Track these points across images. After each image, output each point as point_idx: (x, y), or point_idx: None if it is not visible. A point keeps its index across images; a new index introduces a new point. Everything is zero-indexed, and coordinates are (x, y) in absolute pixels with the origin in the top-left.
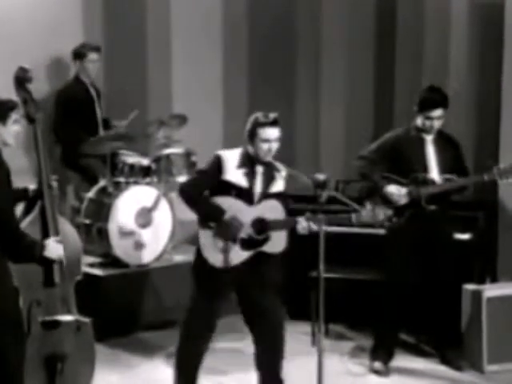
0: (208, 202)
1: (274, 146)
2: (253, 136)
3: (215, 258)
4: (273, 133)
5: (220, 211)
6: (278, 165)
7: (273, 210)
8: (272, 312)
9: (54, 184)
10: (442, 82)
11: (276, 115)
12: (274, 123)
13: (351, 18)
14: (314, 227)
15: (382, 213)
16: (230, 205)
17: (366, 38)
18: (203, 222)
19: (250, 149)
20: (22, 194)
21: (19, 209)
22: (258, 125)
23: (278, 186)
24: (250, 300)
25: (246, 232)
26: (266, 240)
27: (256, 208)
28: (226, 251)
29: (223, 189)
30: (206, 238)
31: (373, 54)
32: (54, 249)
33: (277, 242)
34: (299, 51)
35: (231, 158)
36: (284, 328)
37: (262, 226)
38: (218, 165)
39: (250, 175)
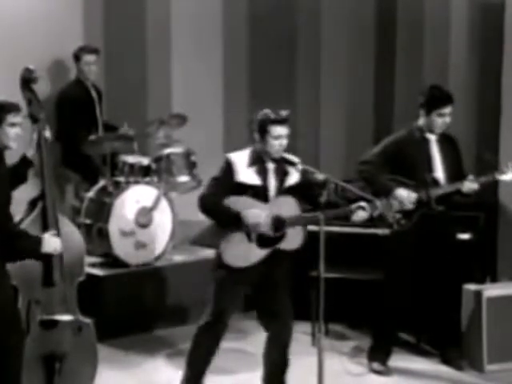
0: (225, 210)
1: (285, 142)
2: (263, 133)
3: (233, 258)
4: (284, 130)
5: (237, 218)
6: (292, 158)
7: (287, 206)
8: (281, 314)
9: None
10: (442, 82)
11: (287, 112)
12: (285, 121)
13: (351, 18)
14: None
15: (397, 203)
16: (244, 204)
17: (366, 38)
18: (224, 227)
19: (259, 146)
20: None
21: (21, 210)
22: (269, 122)
23: (293, 178)
24: (263, 300)
25: (263, 229)
26: (282, 237)
27: (271, 205)
28: (243, 250)
29: (239, 190)
30: (224, 238)
31: (373, 55)
32: (50, 242)
33: (293, 239)
34: (299, 51)
35: (240, 158)
36: (291, 331)
37: (278, 223)
38: (228, 168)
39: (262, 172)
